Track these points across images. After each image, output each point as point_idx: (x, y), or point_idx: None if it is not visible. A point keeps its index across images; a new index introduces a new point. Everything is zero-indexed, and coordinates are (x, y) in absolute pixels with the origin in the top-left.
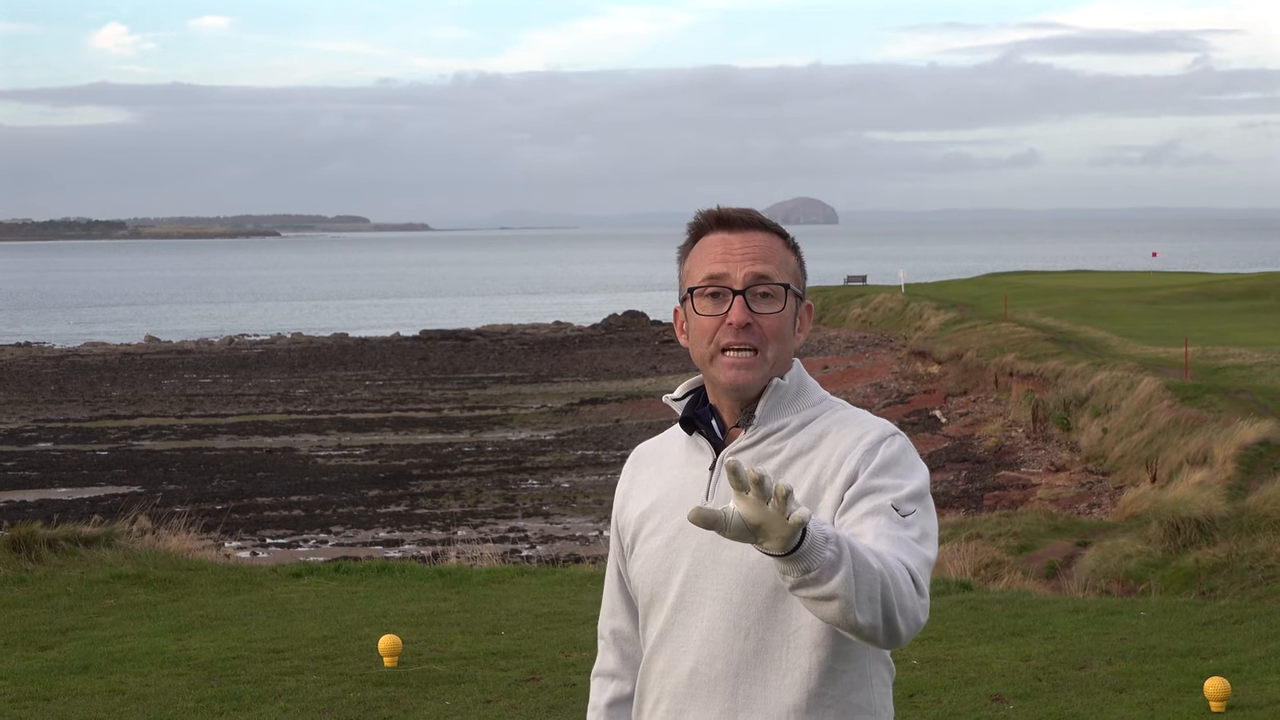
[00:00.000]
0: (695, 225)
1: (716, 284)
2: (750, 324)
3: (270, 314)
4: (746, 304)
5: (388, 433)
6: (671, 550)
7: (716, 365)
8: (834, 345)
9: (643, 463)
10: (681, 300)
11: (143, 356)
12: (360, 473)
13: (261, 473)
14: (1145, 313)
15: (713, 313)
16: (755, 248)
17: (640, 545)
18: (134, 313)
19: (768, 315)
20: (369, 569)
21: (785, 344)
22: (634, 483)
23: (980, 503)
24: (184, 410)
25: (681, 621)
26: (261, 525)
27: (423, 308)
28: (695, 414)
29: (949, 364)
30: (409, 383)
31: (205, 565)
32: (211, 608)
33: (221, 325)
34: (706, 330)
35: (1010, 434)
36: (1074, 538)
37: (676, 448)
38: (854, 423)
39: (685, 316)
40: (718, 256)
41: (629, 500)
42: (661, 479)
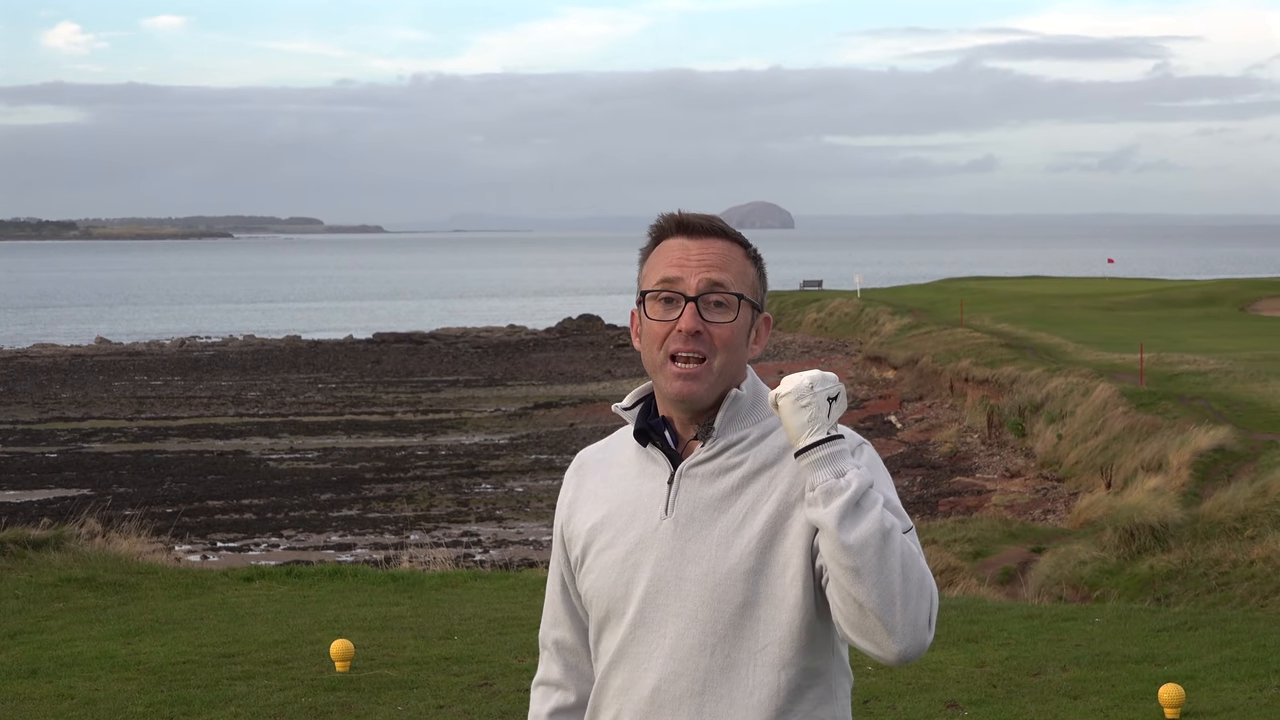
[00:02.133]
0: (656, 228)
1: (670, 289)
2: (700, 332)
3: (222, 316)
4: (699, 311)
5: (340, 436)
6: (629, 565)
7: (664, 373)
8: (789, 350)
9: (589, 471)
10: (637, 302)
11: (93, 358)
12: (312, 476)
13: (213, 476)
14: (1101, 319)
15: (664, 318)
16: (713, 255)
17: (593, 559)
18: (84, 314)
19: (719, 325)
20: (321, 573)
21: (736, 354)
22: (580, 492)
23: (935, 509)
24: (135, 412)
25: (641, 638)
26: (212, 529)
27: (376, 310)
28: (649, 425)
29: (904, 369)
30: (362, 386)
31: (155, 569)
32: (162, 612)
33: (173, 327)
34: (657, 335)
35: (965, 440)
36: (1029, 544)
37: (626, 458)
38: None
39: (639, 320)
40: (674, 261)
41: (576, 510)
42: (612, 490)
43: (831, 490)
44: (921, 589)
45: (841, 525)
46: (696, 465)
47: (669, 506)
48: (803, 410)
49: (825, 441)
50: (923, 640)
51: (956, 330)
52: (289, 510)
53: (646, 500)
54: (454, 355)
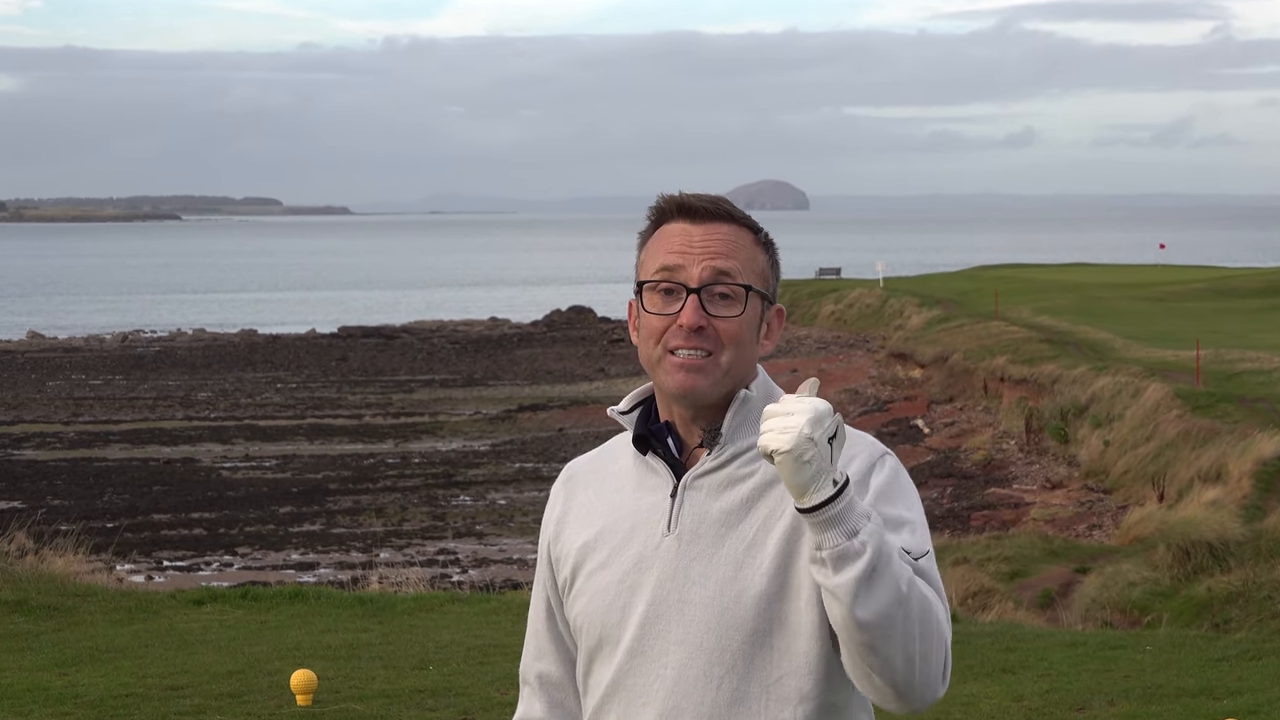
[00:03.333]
0: (655, 211)
1: (670, 279)
2: (704, 327)
3: (170, 308)
4: (701, 304)
5: (302, 442)
6: (626, 587)
7: (664, 367)
8: (804, 346)
9: (579, 483)
10: (635, 293)
11: (24, 355)
12: (270, 487)
13: (159, 486)
14: (1152, 311)
15: (663, 311)
16: (718, 241)
17: (584, 581)
18: (14, 305)
19: (725, 319)
20: (280, 595)
21: (744, 351)
22: (571, 506)
23: (967, 523)
24: (71, 416)
25: (639, 668)
26: (158, 545)
27: (342, 301)
28: (649, 430)
29: (932, 368)
30: (326, 386)
31: (95, 590)
32: (102, 639)
33: (114, 320)
34: (655, 330)
35: (1001, 446)
36: (1072, 563)
37: (622, 468)
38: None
39: (637, 312)
40: (675, 248)
41: (565, 527)
42: (607, 504)
43: (844, 555)
44: (938, 640)
45: (857, 599)
46: (703, 476)
47: (672, 522)
48: (806, 466)
49: (834, 497)
50: (935, 694)
51: (991, 324)
52: (244, 525)
53: (646, 515)
54: (429, 352)
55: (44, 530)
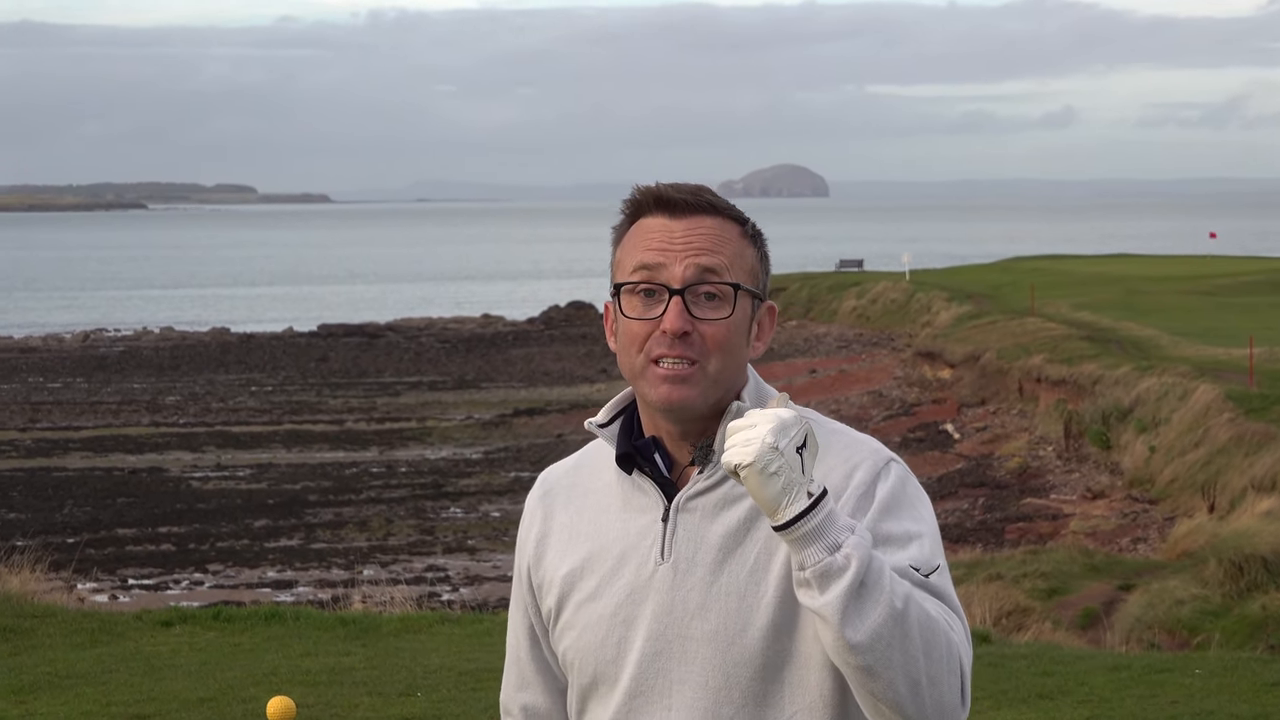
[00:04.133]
0: (631, 204)
1: (649, 279)
2: (689, 332)
3: (135, 304)
4: (686, 307)
5: (278, 450)
6: (620, 621)
7: (647, 379)
8: (823, 344)
9: (559, 499)
10: (612, 295)
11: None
12: (244, 498)
13: (123, 498)
14: (1202, 306)
15: (643, 315)
16: (702, 236)
17: (573, 612)
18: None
19: (712, 322)
20: (255, 616)
21: (733, 356)
22: (551, 526)
23: (1001, 537)
24: (28, 422)
25: (641, 709)
26: (123, 562)
27: (321, 297)
28: (634, 447)
29: (963, 368)
30: (305, 389)
31: (54, 611)
32: (62, 663)
33: (75, 318)
34: (636, 337)
35: (1037, 453)
36: (1114, 580)
37: (605, 484)
38: (837, 449)
39: (614, 316)
40: (654, 244)
41: (547, 550)
42: (592, 526)
43: (828, 572)
44: (949, 661)
45: (845, 619)
46: (696, 497)
47: (666, 548)
48: (773, 479)
49: (810, 509)
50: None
51: (1026, 320)
52: (216, 540)
53: (636, 540)
54: (416, 351)
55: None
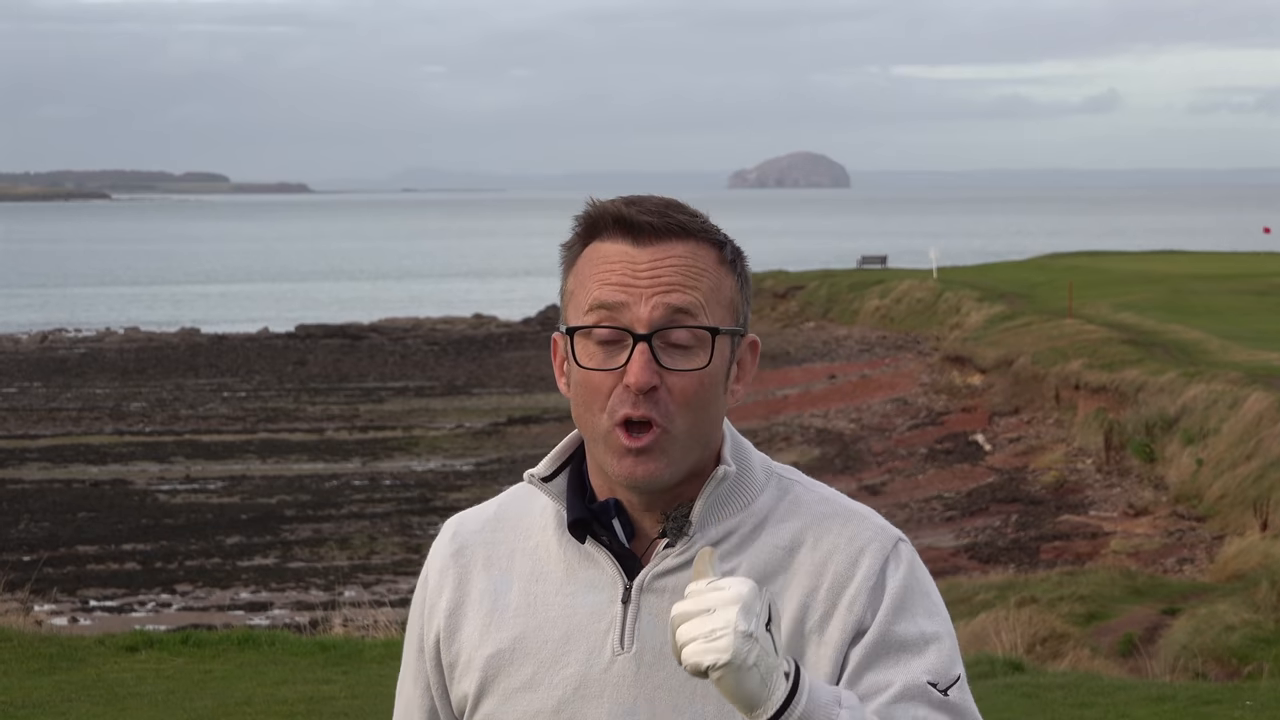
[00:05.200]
0: (585, 221)
1: (610, 322)
2: (657, 387)
3: (97, 302)
4: (654, 355)
5: (253, 460)
6: (564, 718)
7: (609, 446)
8: (844, 348)
9: (477, 559)
10: (563, 333)
11: None
12: (216, 513)
13: (84, 513)
14: (1255, 307)
15: (603, 365)
16: (672, 268)
17: (499, 703)
18: None
19: (683, 374)
20: (227, 640)
21: (708, 411)
22: (468, 592)
23: (1036, 557)
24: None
25: None
26: (84, 582)
27: (299, 295)
28: (590, 512)
29: (995, 373)
30: (281, 394)
31: (8, 635)
32: (18, 691)
33: (32, 317)
34: (596, 391)
35: (1075, 466)
36: (1158, 603)
37: (539, 547)
38: (836, 527)
39: (565, 357)
40: (614, 279)
41: (463, 621)
42: (524, 599)
43: None
44: None
45: None
46: (665, 575)
47: (626, 635)
48: (752, 671)
49: (792, 694)
50: None
51: (1063, 322)
52: (185, 558)
53: (586, 622)
54: (402, 354)
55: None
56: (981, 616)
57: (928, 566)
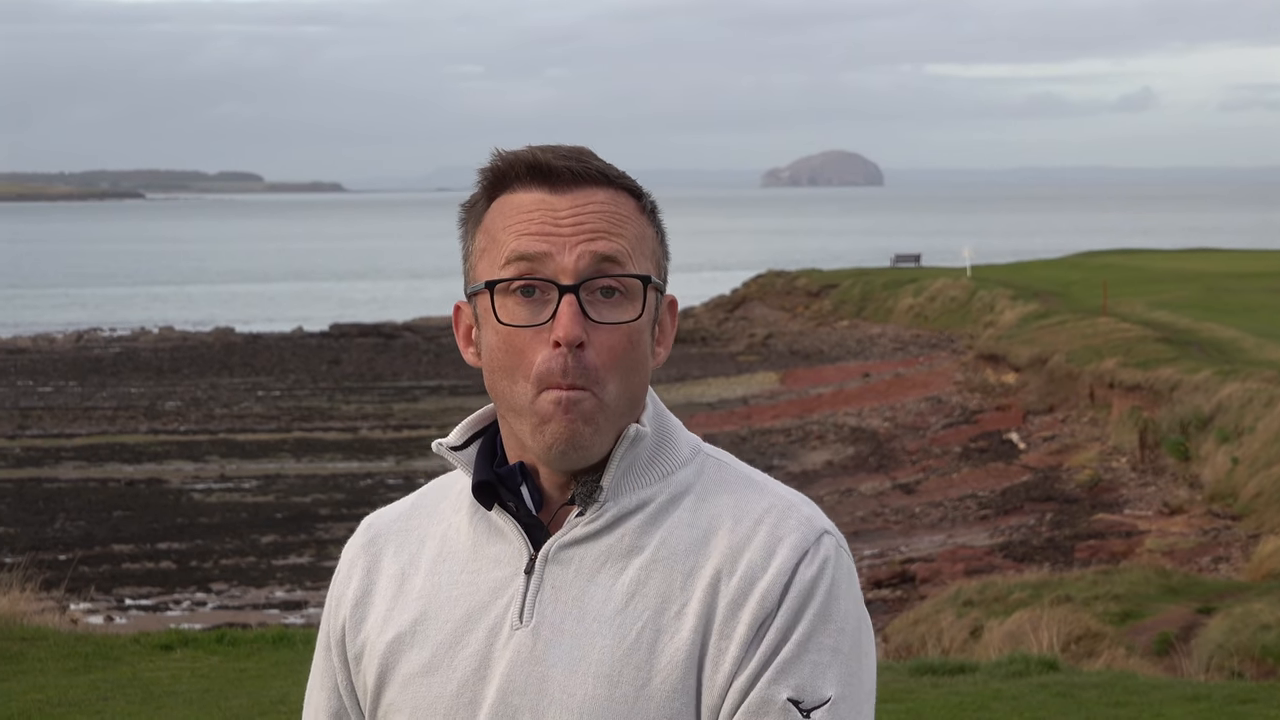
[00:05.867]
0: (492, 174)
1: (532, 273)
2: (584, 345)
3: (131, 302)
4: (582, 309)
5: (287, 459)
6: (465, 702)
7: (534, 413)
8: (878, 346)
9: (387, 548)
10: (469, 295)
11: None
12: (250, 512)
13: (119, 512)
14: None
15: (528, 322)
16: (595, 215)
17: (399, 690)
18: None
19: (613, 329)
20: (262, 639)
21: (637, 373)
22: (376, 580)
23: (1070, 555)
24: (16, 429)
25: None
26: (120, 581)
27: (334, 295)
28: (496, 474)
29: (1029, 372)
30: (315, 394)
31: (45, 633)
32: (54, 690)
33: (67, 317)
34: (519, 353)
35: (1110, 465)
36: (1194, 602)
37: (451, 529)
38: (758, 510)
39: (474, 323)
40: (533, 228)
41: (369, 611)
42: (428, 580)
43: None
44: None
45: None
46: (573, 545)
47: (526, 609)
48: None
49: None
50: None
51: (1098, 320)
52: (220, 557)
53: (488, 598)
54: (436, 353)
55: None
56: (1016, 615)
57: (962, 565)
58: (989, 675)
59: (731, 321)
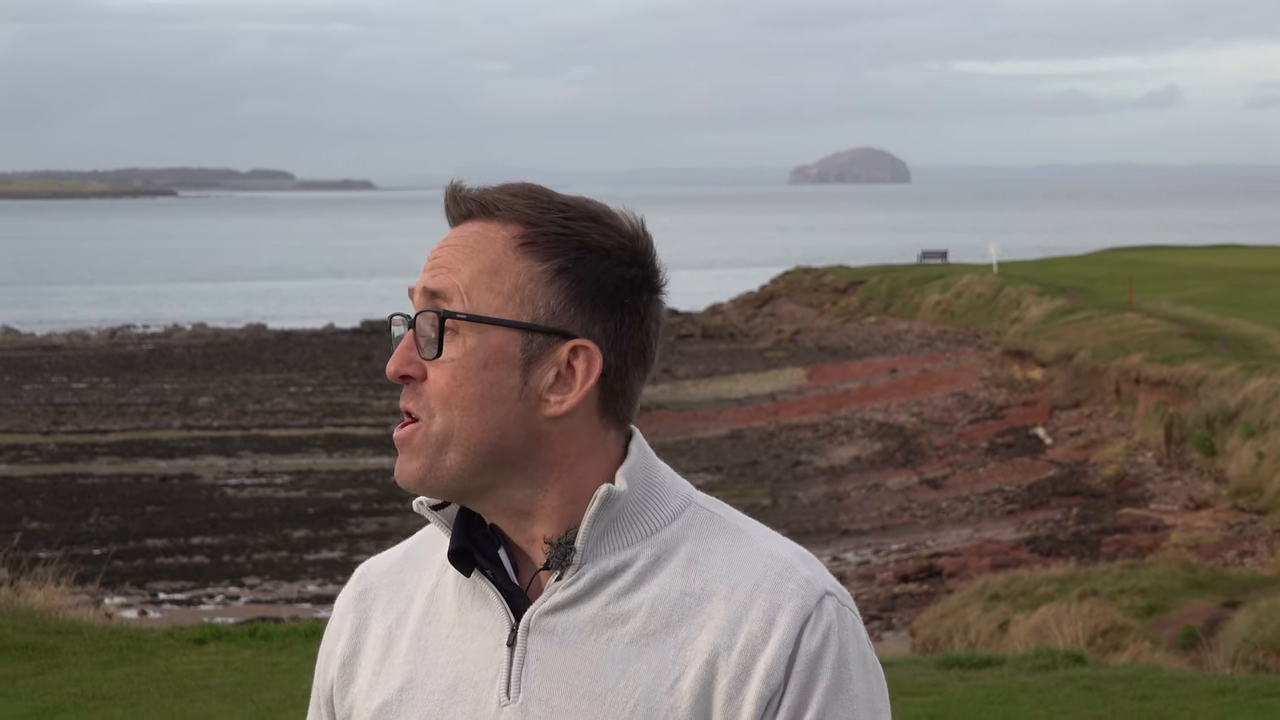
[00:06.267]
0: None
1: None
2: (410, 376)
3: (165, 299)
4: (418, 341)
5: (319, 455)
6: None
7: None
8: (905, 342)
9: (378, 602)
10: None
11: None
12: (283, 507)
13: (153, 507)
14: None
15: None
16: (452, 249)
17: None
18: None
19: (438, 364)
20: (295, 633)
21: (473, 414)
22: (364, 639)
23: (1096, 550)
24: (51, 424)
25: None
26: (153, 575)
27: (365, 291)
28: (471, 540)
29: (1055, 367)
30: (347, 389)
31: (80, 627)
32: (88, 683)
33: (101, 313)
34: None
35: (1136, 460)
36: (1219, 596)
37: (442, 584)
38: (756, 572)
39: None
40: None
41: (358, 671)
42: (414, 644)
43: None
44: None
45: None
46: (554, 613)
47: (512, 683)
48: None
49: None
50: None
51: (1124, 316)
52: (252, 552)
53: (473, 668)
54: None
55: (21, 558)
56: (1042, 609)
57: (989, 559)
58: (1015, 668)
59: (760, 318)
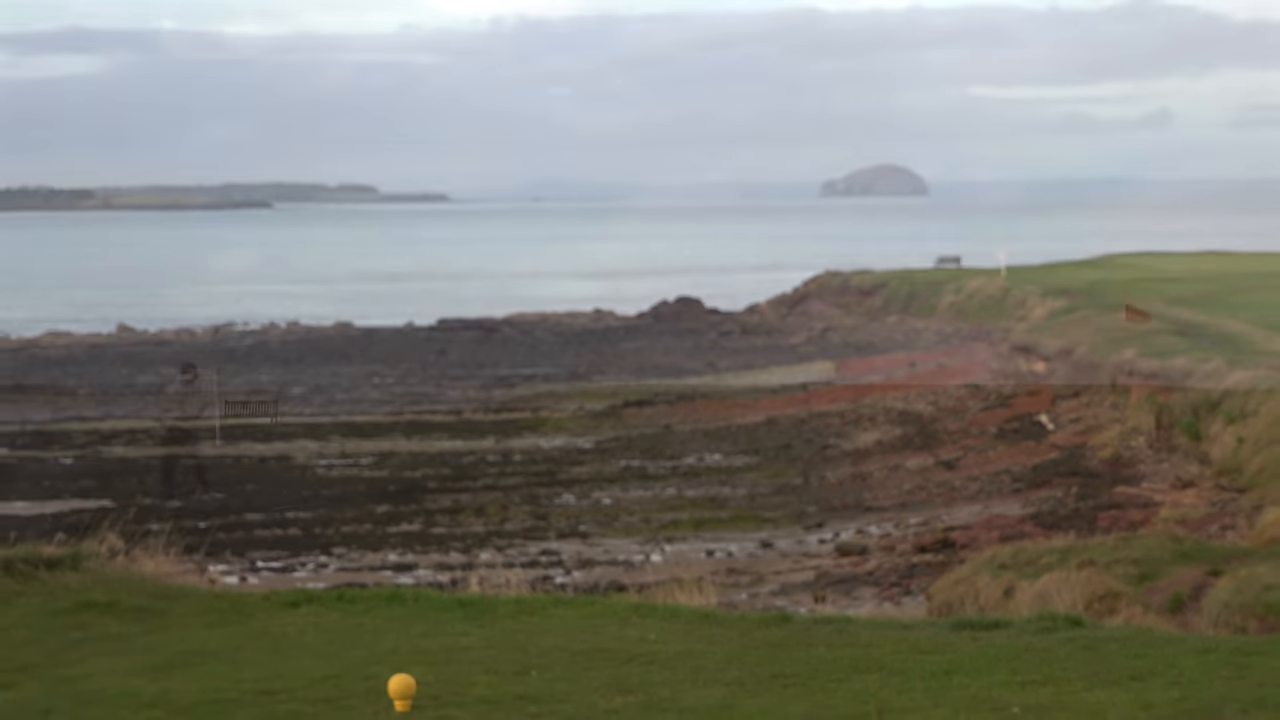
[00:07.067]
0: None
1: None
2: None
3: (262, 299)
4: None
5: (399, 439)
6: None
7: None
8: (922, 339)
9: None
10: None
11: (114, 348)
12: (367, 485)
13: (251, 485)
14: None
15: None
16: None
17: None
18: (104, 297)
19: None
20: (377, 597)
21: None
22: None
23: (1093, 524)
24: (162, 411)
25: None
26: (252, 546)
27: (441, 293)
28: None
29: (1057, 361)
30: (424, 380)
31: (187, 592)
32: (194, 641)
33: (206, 312)
34: None
35: (1129, 443)
36: (1204, 565)
37: None
38: None
39: None
40: None
41: None
42: None
43: None
44: None
45: None
46: None
47: None
48: None
49: None
50: None
51: (1119, 315)
52: (340, 525)
53: None
54: (531, 345)
55: (135, 530)
56: (1045, 577)
57: (997, 532)
58: (1021, 630)
59: (793, 316)
